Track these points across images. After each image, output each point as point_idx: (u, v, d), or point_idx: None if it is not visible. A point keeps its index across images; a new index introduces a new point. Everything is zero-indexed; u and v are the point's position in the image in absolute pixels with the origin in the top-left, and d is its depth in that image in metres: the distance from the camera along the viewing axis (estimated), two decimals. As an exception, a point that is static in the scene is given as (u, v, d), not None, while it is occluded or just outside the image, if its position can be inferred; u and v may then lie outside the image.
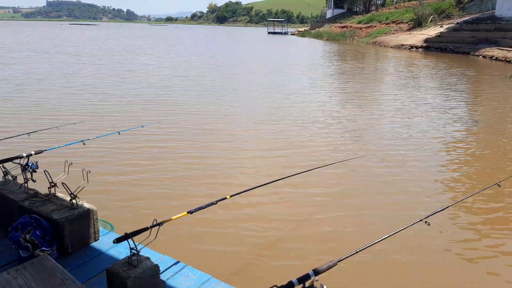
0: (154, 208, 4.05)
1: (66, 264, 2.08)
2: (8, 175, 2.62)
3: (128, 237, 1.81)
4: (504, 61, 19.08)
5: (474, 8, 31.11)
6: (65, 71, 14.09)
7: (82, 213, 2.36)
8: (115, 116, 7.79)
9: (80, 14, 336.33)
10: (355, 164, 5.29)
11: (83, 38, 38.53)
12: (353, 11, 54.98)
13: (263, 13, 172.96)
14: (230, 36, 55.67)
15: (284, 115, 8.18)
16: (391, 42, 30.30)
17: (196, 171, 5.09)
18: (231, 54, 24.71)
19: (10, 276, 1.61)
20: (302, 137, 6.64)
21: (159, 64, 17.64)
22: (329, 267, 1.59)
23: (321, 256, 3.25)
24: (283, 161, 5.52)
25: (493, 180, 4.37)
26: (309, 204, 4.26)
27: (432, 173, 5.15)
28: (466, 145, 6.49)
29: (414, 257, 3.31)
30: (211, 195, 4.19)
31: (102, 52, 22.70)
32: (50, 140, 6.01)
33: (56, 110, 8.25)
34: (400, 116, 8.23)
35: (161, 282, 1.94)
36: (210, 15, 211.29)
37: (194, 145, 6.13)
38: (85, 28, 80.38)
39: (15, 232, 2.19)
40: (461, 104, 9.68)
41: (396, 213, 4.05)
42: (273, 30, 70.78)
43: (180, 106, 8.87)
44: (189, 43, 35.90)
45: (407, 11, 36.88)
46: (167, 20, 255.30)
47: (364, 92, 11.48)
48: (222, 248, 3.39)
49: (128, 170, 5.04)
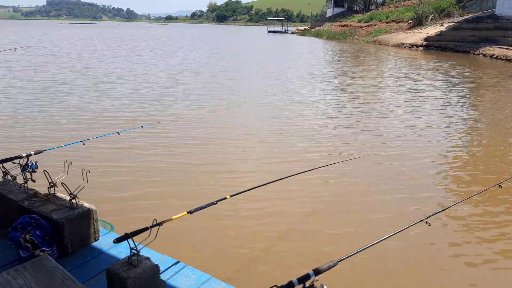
0: (154, 208, 4.04)
1: (66, 264, 2.08)
2: (8, 175, 2.61)
3: (128, 237, 1.80)
4: (505, 59, 19.06)
5: (474, 7, 31.06)
6: (64, 71, 14.08)
7: (82, 213, 2.36)
8: (114, 116, 7.78)
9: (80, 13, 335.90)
10: (356, 164, 5.28)
11: (83, 37, 38.50)
12: (353, 10, 54.86)
13: (263, 12, 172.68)
14: (230, 36, 55.61)
15: (284, 115, 8.17)
16: (391, 40, 30.28)
17: (196, 171, 5.08)
18: (231, 55, 24.65)
19: (10, 276, 1.61)
20: (302, 137, 6.63)
21: (159, 64, 17.63)
22: (330, 267, 1.59)
23: (321, 256, 3.25)
24: (283, 161, 5.51)
25: (495, 181, 4.37)
26: (309, 204, 4.26)
27: (433, 173, 5.14)
28: (467, 144, 6.48)
29: (414, 258, 3.30)
30: (211, 195, 4.18)
31: (102, 52, 22.69)
32: (50, 140, 6.01)
33: (56, 110, 8.24)
34: (400, 116, 8.23)
35: (161, 282, 1.93)
36: (210, 14, 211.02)
37: (193, 145, 6.12)
38: (86, 27, 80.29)
39: (15, 232, 2.18)
40: (461, 103, 9.67)
41: (397, 213, 4.05)
42: (273, 29, 70.71)
43: (180, 106, 8.87)
44: (189, 43, 35.85)
45: (407, 10, 36.83)
46: (167, 19, 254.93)
47: (364, 92, 11.46)
48: (222, 248, 3.39)
49: (128, 170, 5.03)
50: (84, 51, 22.93)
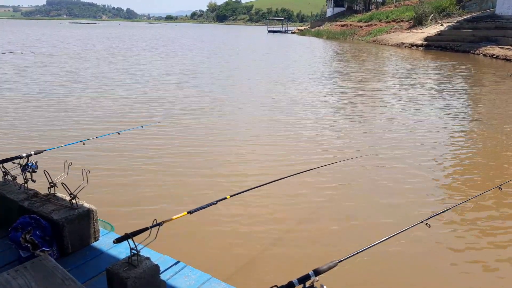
0: (154, 208, 4.04)
1: (66, 264, 2.08)
2: (8, 175, 2.61)
3: (128, 237, 1.80)
4: (505, 59, 19.05)
5: (474, 7, 31.05)
6: (63, 71, 14.08)
7: (82, 213, 2.36)
8: (115, 116, 7.78)
9: (80, 13, 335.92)
10: (356, 165, 5.28)
11: (82, 38, 38.48)
12: (353, 10, 54.85)
13: (263, 12, 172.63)
14: (230, 36, 55.58)
15: (284, 115, 8.17)
16: (391, 40, 30.27)
17: (196, 171, 5.08)
18: (231, 55, 24.65)
19: (10, 276, 1.61)
20: (302, 137, 6.63)
21: (159, 64, 17.62)
22: (330, 268, 1.59)
23: (321, 256, 3.25)
24: (283, 161, 5.51)
25: (495, 183, 4.36)
26: (309, 204, 4.26)
27: (433, 174, 5.14)
28: (467, 146, 6.48)
29: (414, 259, 3.30)
30: (211, 195, 4.18)
31: (101, 53, 22.68)
32: (50, 140, 6.01)
33: (56, 110, 8.24)
34: (400, 116, 8.22)
35: (161, 282, 1.93)
36: (210, 13, 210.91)
37: (193, 145, 6.12)
38: (86, 27, 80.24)
39: (15, 232, 2.18)
40: (461, 103, 9.67)
41: (397, 214, 4.05)
42: (273, 29, 70.72)
43: (180, 106, 8.86)
44: (189, 43, 35.85)
45: (407, 10, 36.82)
46: (167, 18, 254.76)
47: (364, 92, 11.47)
48: (222, 248, 3.39)
49: (128, 170, 5.03)
50: (84, 51, 22.92)
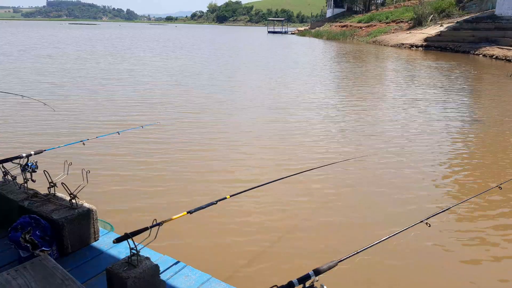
0: (154, 208, 4.04)
1: (66, 264, 2.08)
2: (8, 175, 2.61)
3: (128, 237, 1.80)
4: (504, 60, 19.06)
5: (474, 7, 31.07)
6: (63, 71, 14.08)
7: (81, 213, 2.36)
8: (114, 116, 7.78)
9: (80, 14, 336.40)
10: (356, 164, 5.28)
11: (83, 38, 38.50)
12: (353, 10, 54.92)
13: (263, 13, 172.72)
14: (230, 37, 55.61)
15: (284, 116, 8.17)
16: (391, 41, 30.29)
17: (196, 171, 5.08)
18: (232, 56, 24.65)
19: (10, 276, 1.61)
20: (302, 137, 6.64)
21: (159, 65, 17.63)
22: (330, 268, 1.59)
23: (321, 256, 3.25)
24: (283, 161, 5.51)
25: (495, 182, 4.36)
26: (310, 204, 4.26)
27: (433, 174, 5.14)
28: (467, 146, 6.48)
29: (414, 258, 3.30)
30: (211, 195, 4.18)
31: (101, 53, 22.69)
32: (49, 140, 6.01)
33: (56, 110, 8.24)
34: (400, 116, 8.22)
35: (161, 282, 1.93)
36: (210, 14, 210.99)
37: (193, 145, 6.12)
38: (86, 28, 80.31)
39: (15, 232, 2.18)
40: (461, 104, 9.67)
41: (397, 214, 4.05)
42: (273, 30, 70.75)
43: (181, 107, 8.87)
44: (189, 44, 35.86)
45: (407, 10, 36.86)
46: (167, 19, 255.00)
47: (364, 92, 11.47)
48: (222, 248, 3.39)
49: (128, 170, 5.03)
50: (83, 51, 22.93)
